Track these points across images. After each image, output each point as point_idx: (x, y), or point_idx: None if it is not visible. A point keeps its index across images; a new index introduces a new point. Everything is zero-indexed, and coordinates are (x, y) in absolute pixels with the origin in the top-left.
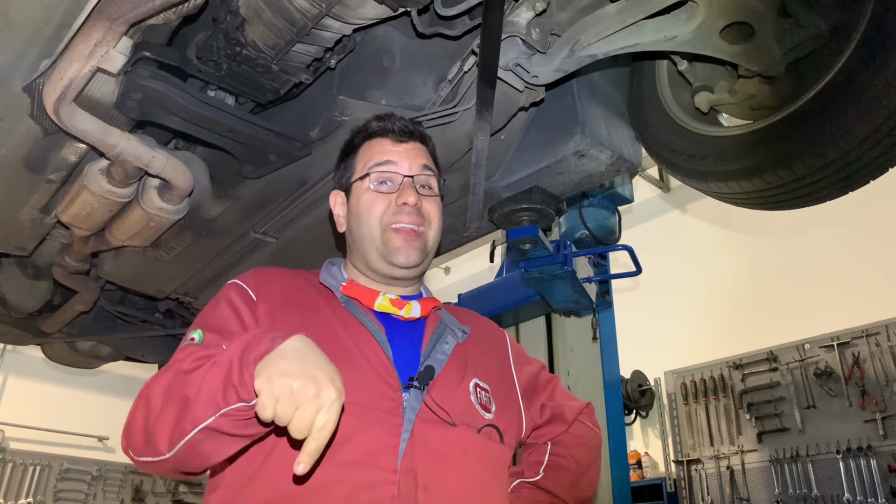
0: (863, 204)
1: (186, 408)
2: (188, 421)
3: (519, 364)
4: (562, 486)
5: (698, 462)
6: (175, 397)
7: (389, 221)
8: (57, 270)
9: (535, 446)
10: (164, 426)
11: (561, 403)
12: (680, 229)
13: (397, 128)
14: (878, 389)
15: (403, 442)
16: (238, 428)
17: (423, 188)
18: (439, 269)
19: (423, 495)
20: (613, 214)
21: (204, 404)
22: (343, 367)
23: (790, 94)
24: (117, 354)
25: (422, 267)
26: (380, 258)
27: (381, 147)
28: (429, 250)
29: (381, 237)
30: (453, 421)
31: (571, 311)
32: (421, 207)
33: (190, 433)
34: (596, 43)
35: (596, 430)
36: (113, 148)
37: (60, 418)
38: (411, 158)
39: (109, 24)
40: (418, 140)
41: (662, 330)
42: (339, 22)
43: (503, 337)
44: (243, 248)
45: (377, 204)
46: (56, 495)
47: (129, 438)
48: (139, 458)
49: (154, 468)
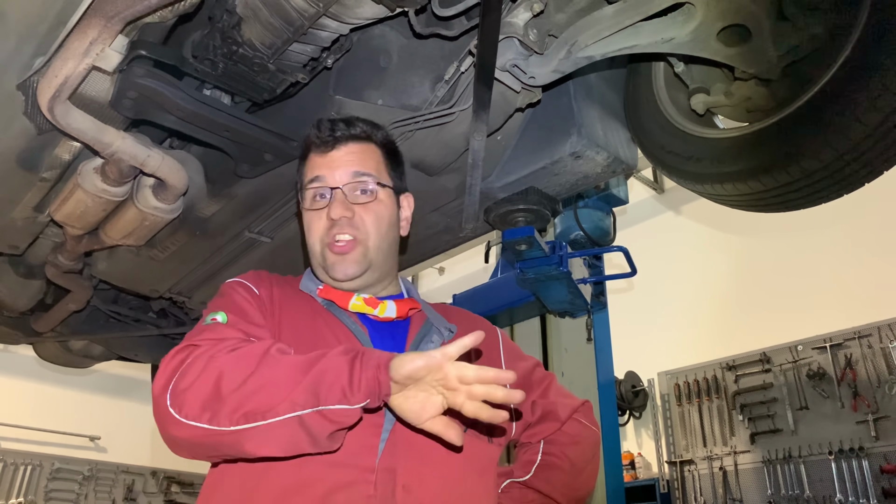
0: (857, 206)
1: (284, 392)
2: (283, 405)
3: (511, 361)
4: (553, 486)
5: (691, 463)
6: (265, 377)
7: (326, 240)
8: (50, 269)
9: (529, 445)
10: (242, 402)
11: (554, 401)
12: (674, 230)
13: (323, 137)
14: (870, 391)
15: (383, 441)
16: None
17: (360, 194)
18: (434, 269)
19: (401, 494)
20: (608, 215)
21: (311, 395)
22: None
23: (786, 97)
24: (110, 354)
25: (368, 276)
26: (325, 274)
27: (312, 161)
28: (371, 258)
29: (320, 254)
30: None
31: (566, 311)
32: (353, 218)
33: (276, 418)
34: (593, 44)
35: (593, 428)
36: (107, 146)
37: (52, 418)
38: (341, 167)
39: (105, 22)
40: (353, 141)
41: (656, 331)
42: (336, 21)
43: (495, 334)
44: (238, 248)
45: (314, 223)
46: (47, 495)
47: (183, 397)
48: (188, 421)
49: (197, 437)
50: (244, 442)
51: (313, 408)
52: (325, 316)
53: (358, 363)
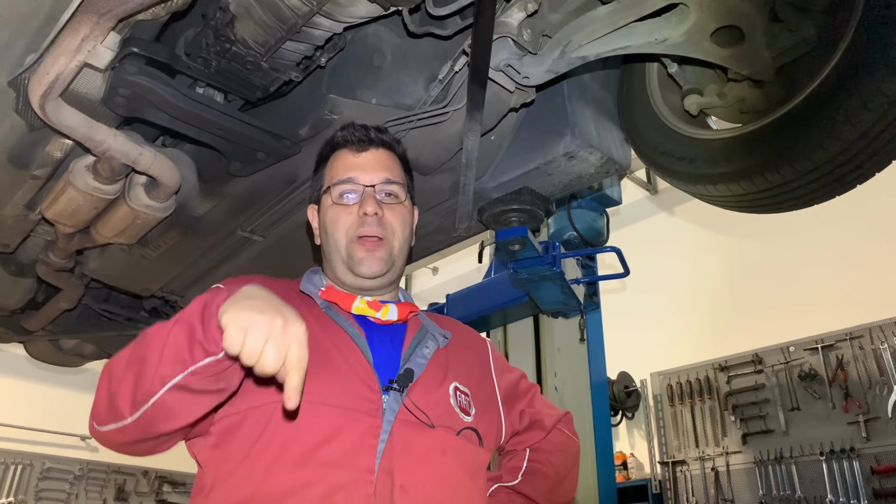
0: (849, 208)
1: (152, 368)
2: (156, 380)
3: (500, 371)
4: (539, 492)
5: (683, 463)
6: (136, 360)
7: (354, 234)
8: (41, 267)
9: (515, 452)
10: (126, 389)
11: (540, 411)
12: (667, 231)
13: (357, 137)
14: (862, 392)
15: (382, 443)
16: (207, 384)
17: (387, 196)
18: (427, 269)
19: (399, 495)
20: (601, 216)
21: (171, 363)
22: (324, 369)
23: (779, 98)
24: (101, 353)
25: (388, 276)
26: (346, 270)
27: (344, 160)
28: (394, 259)
29: (345, 249)
30: (432, 423)
31: (559, 312)
32: (383, 217)
33: (158, 392)
34: (587, 45)
35: (574, 438)
36: (99, 144)
37: (43, 417)
38: (372, 168)
39: (97, 19)
40: (381, 146)
41: (649, 331)
42: (329, 20)
43: (484, 344)
44: (230, 247)
45: (341, 217)
46: (37, 494)
47: (94, 412)
48: (102, 429)
49: (117, 437)
50: (152, 425)
51: (182, 373)
52: (322, 320)
53: (199, 326)
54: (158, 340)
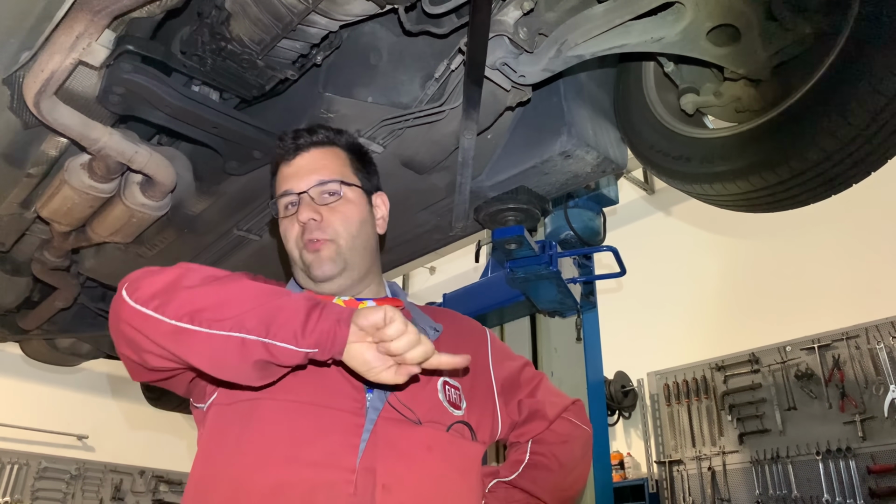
0: (846, 207)
1: (235, 308)
2: (230, 321)
3: (498, 361)
4: (540, 486)
5: (680, 463)
6: (229, 290)
7: (302, 242)
8: (36, 266)
9: (518, 445)
10: (196, 299)
11: (541, 400)
12: (664, 231)
13: (286, 147)
14: (858, 392)
15: (364, 441)
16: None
17: (328, 196)
18: (425, 269)
19: (381, 494)
20: (598, 215)
21: (259, 322)
22: (308, 368)
23: (775, 97)
24: (98, 352)
25: (348, 274)
26: (305, 276)
27: (281, 172)
28: (345, 256)
29: (299, 258)
30: (419, 419)
31: (556, 311)
32: (322, 221)
33: (220, 331)
34: (583, 43)
35: (584, 426)
36: (95, 142)
37: (39, 416)
38: (304, 174)
39: (91, 17)
40: (312, 147)
41: (646, 331)
42: (325, 18)
43: (483, 334)
44: (226, 246)
45: (289, 229)
46: (34, 494)
47: (140, 285)
48: (136, 305)
49: (137, 322)
50: (180, 342)
51: (260, 337)
52: None
53: (317, 312)
54: (266, 296)
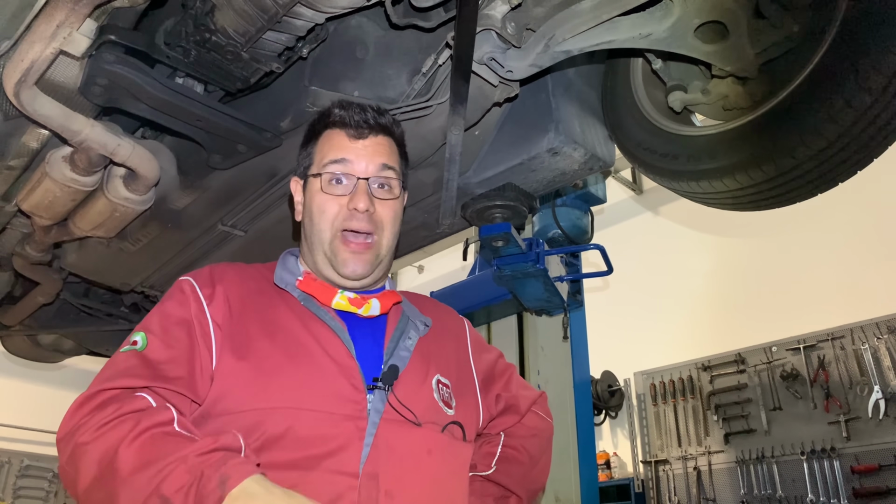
0: (832, 208)
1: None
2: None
3: (477, 353)
4: (513, 479)
5: (666, 463)
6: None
7: (340, 226)
8: (17, 261)
9: (489, 437)
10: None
11: (515, 394)
12: (652, 231)
13: (356, 121)
14: (842, 392)
15: (367, 446)
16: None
17: (380, 189)
18: (412, 267)
19: (384, 500)
20: (586, 214)
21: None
22: (308, 369)
23: (762, 95)
24: (80, 349)
25: (374, 276)
26: (328, 265)
27: (339, 141)
28: (381, 259)
29: (329, 243)
30: (418, 420)
31: (543, 309)
32: (374, 213)
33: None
34: (571, 39)
35: (548, 419)
36: (76, 134)
37: (21, 414)
38: (369, 156)
39: (73, 6)
40: (381, 133)
41: (633, 331)
42: (311, 10)
43: (462, 325)
44: (211, 241)
45: (328, 207)
46: (16, 493)
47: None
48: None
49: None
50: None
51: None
52: (302, 313)
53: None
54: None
